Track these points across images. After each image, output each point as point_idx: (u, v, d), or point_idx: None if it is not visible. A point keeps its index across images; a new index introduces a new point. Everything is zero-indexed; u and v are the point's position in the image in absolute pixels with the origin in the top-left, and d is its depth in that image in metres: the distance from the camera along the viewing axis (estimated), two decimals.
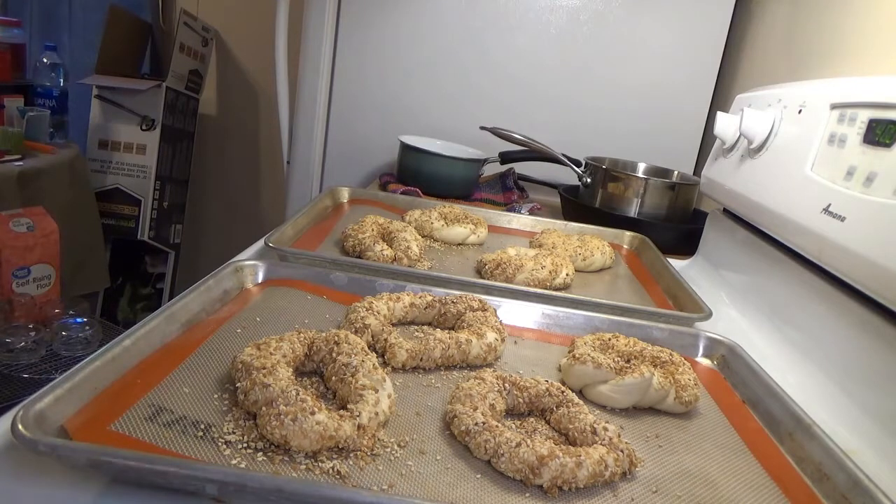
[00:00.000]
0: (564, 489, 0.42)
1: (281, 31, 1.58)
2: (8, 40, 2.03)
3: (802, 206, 0.75)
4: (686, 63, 1.47)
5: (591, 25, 1.47)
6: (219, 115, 2.65)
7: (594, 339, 0.63)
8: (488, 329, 0.60)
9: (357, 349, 0.51)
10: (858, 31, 0.96)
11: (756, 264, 0.91)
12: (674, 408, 0.56)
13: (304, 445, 0.41)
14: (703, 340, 0.68)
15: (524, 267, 0.80)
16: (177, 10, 2.44)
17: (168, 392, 0.46)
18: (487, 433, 0.44)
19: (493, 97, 1.51)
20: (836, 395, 0.65)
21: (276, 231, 0.80)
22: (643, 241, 1.05)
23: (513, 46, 1.48)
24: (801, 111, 0.84)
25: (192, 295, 0.59)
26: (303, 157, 1.56)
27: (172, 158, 2.41)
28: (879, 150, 0.65)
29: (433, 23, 1.48)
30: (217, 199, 2.71)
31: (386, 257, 0.79)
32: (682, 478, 0.47)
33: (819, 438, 0.50)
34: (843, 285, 0.69)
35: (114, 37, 2.29)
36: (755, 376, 0.61)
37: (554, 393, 0.51)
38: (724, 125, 1.00)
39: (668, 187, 1.21)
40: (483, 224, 0.99)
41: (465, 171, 1.34)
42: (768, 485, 0.47)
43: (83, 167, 2.07)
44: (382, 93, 1.52)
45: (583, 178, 1.26)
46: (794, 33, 1.20)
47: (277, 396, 0.43)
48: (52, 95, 2.05)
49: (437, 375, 0.56)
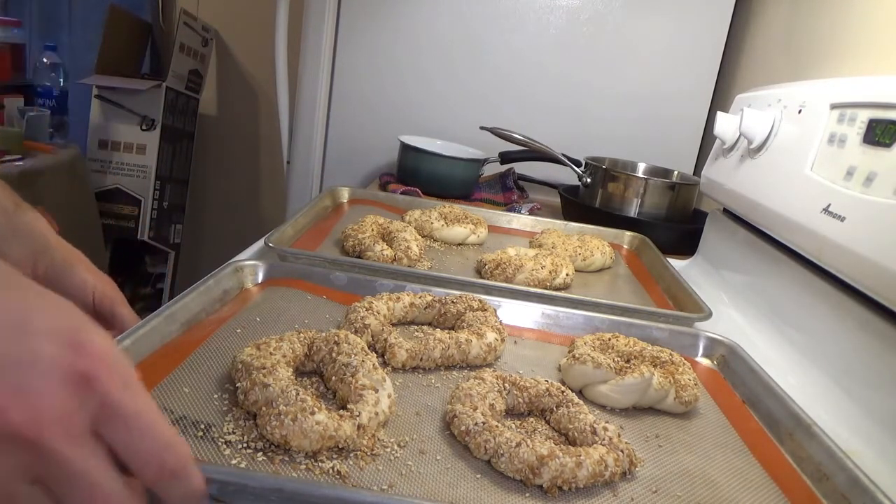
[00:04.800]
0: (564, 489, 0.42)
1: (281, 31, 1.58)
2: (8, 40, 2.03)
3: (802, 206, 0.75)
4: (686, 63, 1.47)
5: (590, 26, 1.47)
6: (219, 115, 2.65)
7: (594, 339, 0.63)
8: (488, 329, 0.60)
9: (357, 349, 0.51)
10: (858, 31, 0.96)
11: (756, 264, 0.91)
12: (674, 408, 0.56)
13: (304, 445, 0.41)
14: (702, 340, 0.68)
15: (524, 267, 0.80)
16: (177, 10, 2.44)
17: (168, 392, 0.46)
18: (487, 433, 0.44)
19: (494, 97, 1.51)
20: (836, 395, 0.65)
21: (276, 231, 0.80)
22: (643, 241, 1.05)
23: (513, 46, 1.48)
24: (801, 111, 0.84)
25: (192, 295, 0.59)
26: (303, 157, 1.56)
27: (172, 158, 2.41)
28: (879, 150, 0.65)
29: (433, 23, 1.48)
30: (217, 199, 2.70)
31: (386, 257, 0.79)
32: (682, 478, 0.47)
33: (819, 438, 0.50)
34: (843, 285, 0.69)
35: (114, 37, 2.29)
36: (755, 376, 0.61)
37: (554, 393, 0.51)
38: (724, 125, 1.00)
39: (668, 187, 1.21)
40: (483, 224, 0.99)
41: (465, 171, 1.34)
42: (768, 485, 0.47)
43: (83, 167, 2.06)
44: (382, 93, 1.52)
45: (583, 178, 1.26)
46: (794, 33, 1.20)
47: (277, 396, 0.43)
48: (52, 95, 2.05)
49: (437, 375, 0.56)
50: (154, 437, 0.30)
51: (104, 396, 0.29)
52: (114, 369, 0.30)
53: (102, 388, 0.29)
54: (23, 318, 0.29)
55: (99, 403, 0.29)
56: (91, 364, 0.29)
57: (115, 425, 0.30)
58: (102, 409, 0.29)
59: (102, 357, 0.30)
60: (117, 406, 0.30)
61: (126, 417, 0.30)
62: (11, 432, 0.27)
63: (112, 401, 0.29)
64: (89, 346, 0.29)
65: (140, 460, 0.30)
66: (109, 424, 0.30)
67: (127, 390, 0.30)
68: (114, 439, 0.30)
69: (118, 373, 0.30)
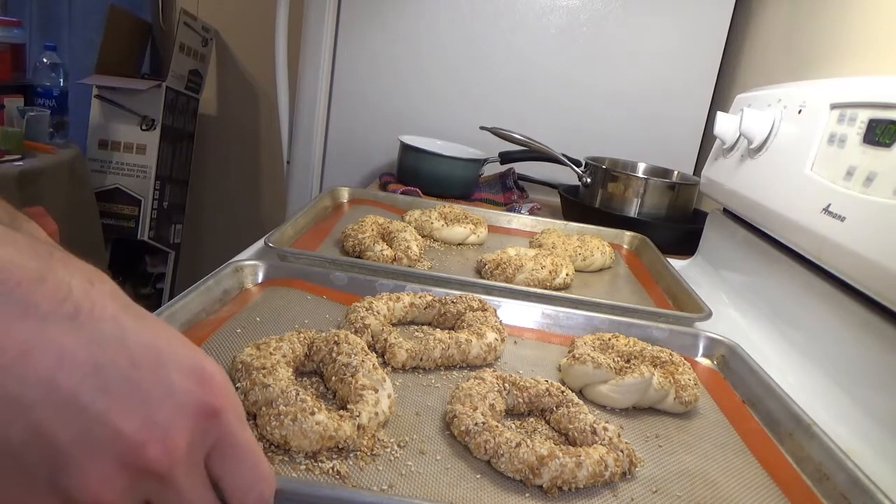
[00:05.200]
0: (564, 489, 0.42)
1: (281, 31, 1.58)
2: (8, 40, 2.03)
3: (802, 206, 0.75)
4: (686, 63, 1.47)
5: (590, 26, 1.47)
6: (219, 115, 2.65)
7: (594, 339, 0.63)
8: (488, 329, 0.60)
9: (357, 349, 0.51)
10: (858, 31, 0.96)
11: (756, 264, 0.91)
12: (674, 408, 0.56)
13: (303, 445, 0.41)
14: (702, 340, 0.68)
15: (524, 267, 0.80)
16: (177, 10, 2.44)
17: None
18: (487, 433, 0.44)
19: (493, 97, 1.51)
20: (836, 395, 0.65)
21: (276, 231, 0.80)
22: (643, 241, 1.05)
23: (513, 46, 1.48)
24: (801, 111, 0.84)
25: (192, 295, 0.59)
26: (303, 157, 1.56)
27: (172, 158, 2.41)
28: (879, 150, 0.65)
29: (433, 23, 1.48)
30: (217, 199, 2.70)
31: (386, 257, 0.79)
32: (682, 478, 0.47)
33: (819, 438, 0.50)
34: (843, 285, 0.69)
35: (114, 37, 2.29)
36: (755, 376, 0.61)
37: (554, 393, 0.51)
38: (724, 125, 1.00)
39: (668, 187, 1.21)
40: (483, 224, 0.99)
41: (465, 171, 1.34)
42: (768, 485, 0.47)
43: (83, 167, 2.06)
44: (382, 93, 1.52)
45: (583, 178, 1.26)
46: (794, 33, 1.20)
47: (277, 396, 0.43)
48: (52, 95, 2.04)
49: (437, 375, 0.56)
50: (257, 470, 0.31)
51: (224, 430, 0.30)
52: (234, 404, 0.31)
53: (226, 422, 0.30)
54: (157, 347, 0.29)
55: (218, 436, 0.30)
56: (216, 399, 0.29)
57: (227, 457, 0.30)
58: (220, 441, 0.30)
59: (225, 391, 0.30)
60: (234, 440, 0.30)
61: (238, 450, 0.30)
62: (147, 467, 0.27)
63: (230, 435, 0.30)
64: (212, 379, 0.30)
65: (243, 492, 0.31)
66: (223, 456, 0.30)
67: (241, 425, 0.31)
68: (222, 469, 0.30)
69: (237, 408, 0.31)
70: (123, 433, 0.26)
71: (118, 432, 0.26)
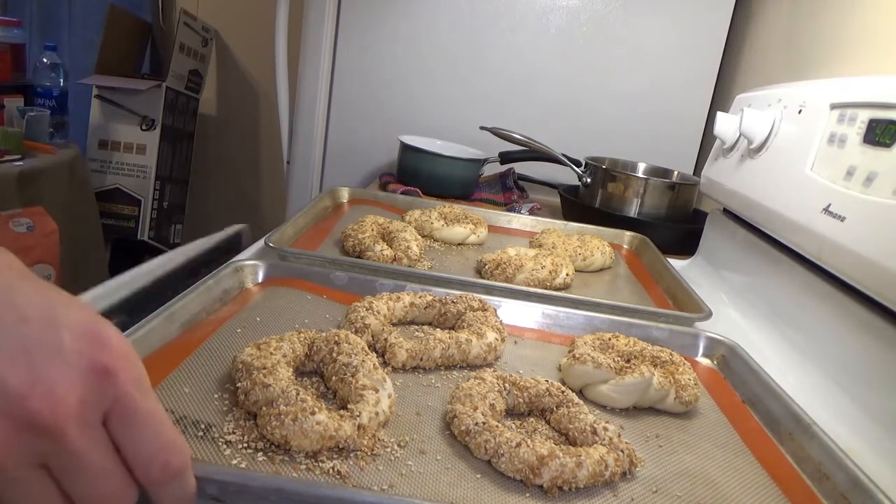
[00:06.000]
0: (564, 489, 0.42)
1: (281, 31, 1.58)
2: (8, 40, 2.03)
3: (802, 206, 0.75)
4: (686, 63, 1.47)
5: (590, 26, 1.47)
6: (219, 115, 2.65)
7: (594, 339, 0.63)
8: (488, 329, 0.60)
9: (357, 349, 0.51)
10: (858, 31, 0.96)
11: (756, 264, 0.91)
12: (674, 408, 0.56)
13: (304, 445, 0.41)
14: (703, 340, 0.68)
15: (524, 267, 0.80)
16: (177, 10, 2.44)
17: (168, 392, 0.46)
18: (487, 433, 0.44)
19: (493, 97, 1.51)
20: (836, 395, 0.65)
21: (276, 231, 0.80)
22: (643, 241, 1.05)
23: (513, 46, 1.48)
24: (801, 111, 0.84)
25: (192, 295, 0.59)
26: (303, 157, 1.56)
27: (172, 158, 2.41)
28: (879, 150, 0.65)
29: (433, 23, 1.48)
30: (217, 199, 2.71)
31: (386, 257, 0.79)
32: (682, 478, 0.47)
33: (819, 438, 0.50)
34: (843, 285, 0.69)
35: (114, 37, 2.30)
36: (755, 376, 0.61)
37: (554, 393, 0.51)
38: (724, 125, 1.00)
39: (668, 187, 1.21)
40: (483, 224, 0.99)
41: (465, 171, 1.34)
42: (768, 485, 0.47)
43: (83, 167, 2.06)
44: (382, 93, 1.52)
45: (583, 178, 1.26)
46: (794, 33, 1.20)
47: (278, 396, 0.43)
48: (52, 95, 2.05)
49: (437, 375, 0.56)
50: (161, 438, 0.31)
51: (120, 392, 0.30)
52: (131, 367, 0.31)
53: (120, 383, 0.30)
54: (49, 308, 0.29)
55: (114, 398, 0.30)
56: (111, 359, 0.30)
57: (126, 422, 0.30)
58: (116, 404, 0.30)
59: (122, 354, 0.30)
60: (131, 403, 0.30)
61: (138, 415, 0.30)
62: (30, 419, 0.27)
63: (127, 398, 0.30)
64: (109, 341, 0.30)
65: (145, 459, 0.31)
66: (121, 420, 0.30)
67: (140, 389, 0.31)
68: (122, 434, 0.30)
69: (135, 371, 0.31)
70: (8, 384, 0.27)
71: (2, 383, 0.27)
